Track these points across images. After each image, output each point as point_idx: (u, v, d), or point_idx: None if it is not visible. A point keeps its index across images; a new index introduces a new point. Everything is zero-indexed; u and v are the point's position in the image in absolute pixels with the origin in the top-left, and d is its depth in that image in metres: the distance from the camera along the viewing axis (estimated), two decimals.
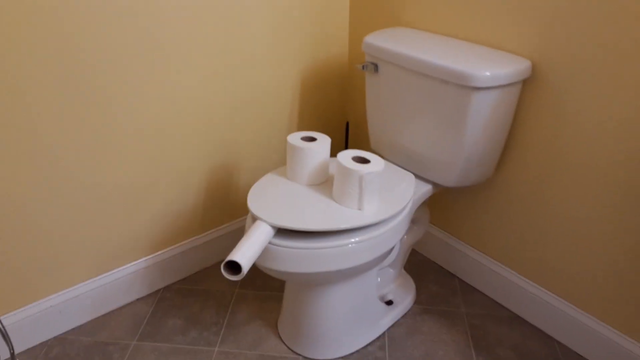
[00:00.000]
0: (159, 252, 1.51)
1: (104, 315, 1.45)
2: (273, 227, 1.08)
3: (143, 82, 1.28)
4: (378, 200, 1.17)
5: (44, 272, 1.30)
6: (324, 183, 1.24)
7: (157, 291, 1.54)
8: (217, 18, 1.35)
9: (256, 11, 1.42)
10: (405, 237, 1.45)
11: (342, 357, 1.32)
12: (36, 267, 1.29)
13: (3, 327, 1.23)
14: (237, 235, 1.68)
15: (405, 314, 1.46)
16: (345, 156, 1.15)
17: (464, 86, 1.15)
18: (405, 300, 1.47)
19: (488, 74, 1.13)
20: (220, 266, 1.65)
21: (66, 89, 1.17)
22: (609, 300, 1.25)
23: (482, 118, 1.19)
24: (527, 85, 1.25)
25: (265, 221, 1.08)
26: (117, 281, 1.44)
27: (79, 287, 1.38)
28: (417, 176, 1.38)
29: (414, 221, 1.47)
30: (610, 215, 1.19)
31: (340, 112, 1.80)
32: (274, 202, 1.15)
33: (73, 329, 1.40)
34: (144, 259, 1.48)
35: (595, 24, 1.09)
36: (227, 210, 1.62)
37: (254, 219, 1.12)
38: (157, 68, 1.29)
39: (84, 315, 1.42)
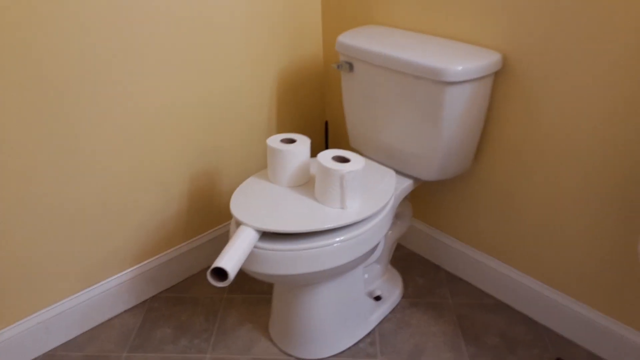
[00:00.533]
0: (145, 262, 1.50)
1: (92, 329, 1.44)
2: (257, 231, 1.09)
3: (117, 91, 1.27)
4: (360, 198, 1.18)
5: (28, 289, 1.29)
6: (306, 184, 1.25)
7: (145, 301, 1.54)
8: (190, 23, 1.34)
9: (229, 14, 1.42)
10: (390, 232, 1.46)
11: (333, 356, 1.33)
12: (20, 285, 1.27)
13: None
14: (222, 241, 1.68)
15: (394, 308, 1.48)
16: (325, 156, 1.16)
17: (438, 81, 1.16)
18: (393, 295, 1.48)
19: (460, 68, 1.15)
20: (206, 273, 1.65)
21: (37, 100, 1.15)
22: (589, 282, 1.28)
23: (457, 111, 1.21)
24: (499, 77, 1.27)
25: (249, 225, 1.09)
26: (103, 294, 1.43)
27: (65, 302, 1.37)
28: (397, 172, 1.39)
29: (397, 216, 1.48)
30: (586, 201, 1.22)
31: (318, 112, 1.81)
32: (257, 206, 1.16)
33: (62, 345, 1.39)
34: (129, 269, 1.48)
35: (564, 14, 1.11)
36: (211, 216, 1.62)
37: (238, 223, 1.12)
38: (130, 76, 1.28)
39: (72, 330, 1.40)
